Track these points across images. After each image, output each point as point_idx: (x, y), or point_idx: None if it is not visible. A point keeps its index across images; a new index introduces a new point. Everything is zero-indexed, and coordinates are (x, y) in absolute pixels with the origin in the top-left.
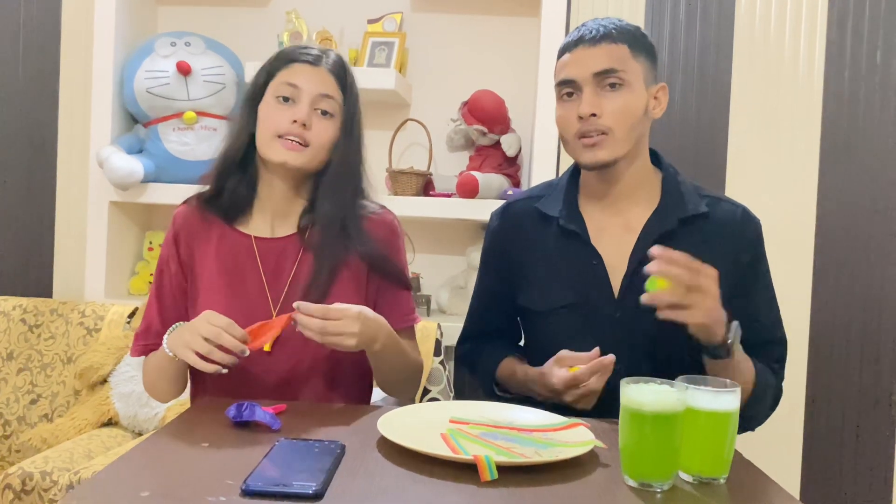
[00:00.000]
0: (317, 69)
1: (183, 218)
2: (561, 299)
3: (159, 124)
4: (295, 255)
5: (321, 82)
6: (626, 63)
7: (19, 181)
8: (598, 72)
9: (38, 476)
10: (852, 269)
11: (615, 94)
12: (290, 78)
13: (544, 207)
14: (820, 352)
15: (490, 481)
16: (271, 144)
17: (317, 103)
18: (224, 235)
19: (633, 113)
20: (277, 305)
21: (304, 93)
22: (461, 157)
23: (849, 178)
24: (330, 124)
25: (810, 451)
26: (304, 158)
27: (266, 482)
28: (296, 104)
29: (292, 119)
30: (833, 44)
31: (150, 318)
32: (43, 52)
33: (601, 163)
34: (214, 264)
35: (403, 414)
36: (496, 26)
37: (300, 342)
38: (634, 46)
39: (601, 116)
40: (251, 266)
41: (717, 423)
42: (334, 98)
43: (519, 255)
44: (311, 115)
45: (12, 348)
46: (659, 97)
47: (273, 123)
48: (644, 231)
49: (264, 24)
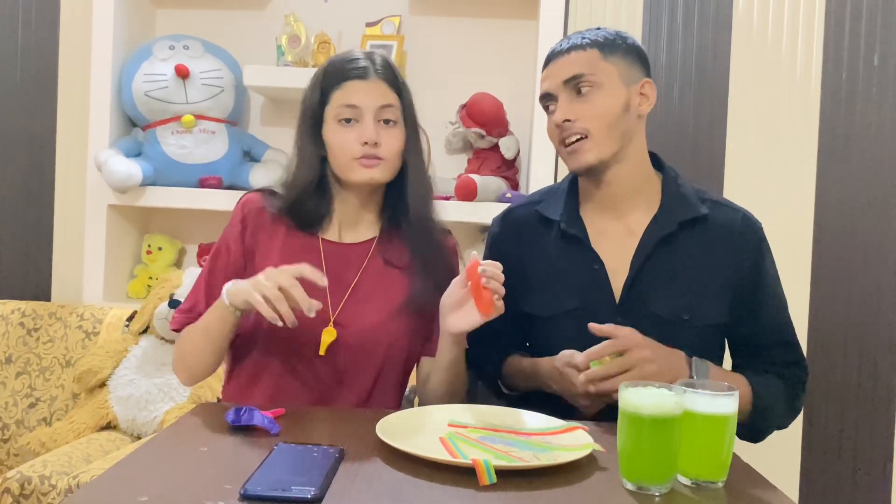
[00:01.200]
0: (369, 83)
1: (254, 207)
2: (563, 304)
3: (158, 127)
4: (361, 261)
5: (377, 95)
6: (595, 66)
7: (18, 184)
8: (566, 79)
9: (36, 480)
10: (850, 269)
11: (586, 97)
12: (346, 99)
13: (545, 211)
14: (818, 352)
15: (489, 485)
16: (350, 167)
17: (379, 116)
18: (291, 233)
19: (608, 112)
20: (336, 310)
21: (364, 111)
22: (459, 160)
23: (847, 178)
24: (396, 131)
25: (809, 452)
26: (385, 172)
27: (265, 486)
28: (359, 123)
29: (362, 141)
30: (830, 45)
31: (197, 298)
32: (41, 56)
33: (586, 165)
34: (278, 259)
35: (402, 418)
36: (494, 29)
37: (354, 349)
38: (606, 49)
39: (576, 120)
40: (316, 263)
41: (715, 427)
42: (393, 105)
43: (520, 260)
44: (378, 130)
45: (11, 352)
46: (646, 93)
47: (346, 149)
48: (645, 235)
49: (262, 27)
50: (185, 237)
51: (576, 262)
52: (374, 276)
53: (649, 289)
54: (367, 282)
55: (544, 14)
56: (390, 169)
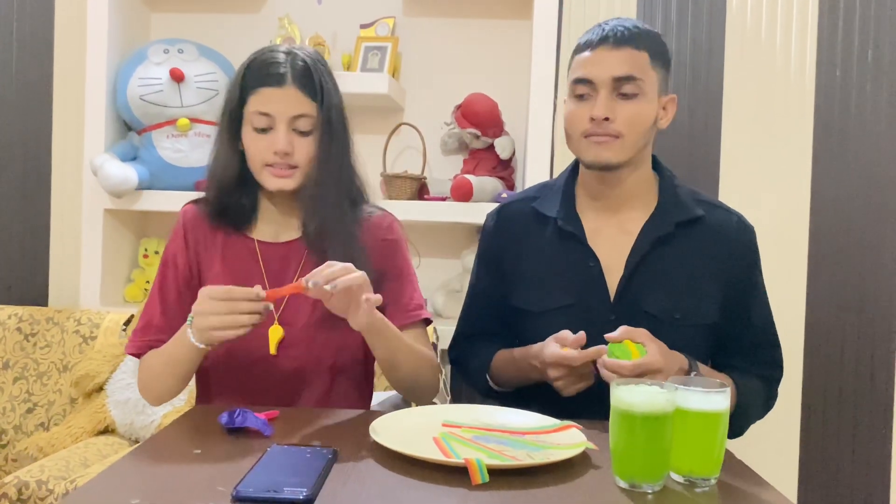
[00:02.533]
0: (284, 91)
1: (192, 216)
2: (557, 300)
3: (153, 131)
4: (298, 260)
5: (291, 104)
6: (645, 72)
7: (14, 190)
8: (618, 76)
9: (34, 485)
10: (847, 268)
11: (630, 102)
12: (260, 107)
13: (541, 207)
14: (815, 352)
15: (481, 484)
16: (262, 174)
17: (292, 125)
18: (229, 240)
19: (644, 121)
20: (279, 310)
21: (277, 120)
22: (455, 161)
23: (842, 174)
24: (310, 141)
25: (807, 451)
26: (296, 181)
27: (257, 488)
28: (273, 131)
29: (273, 150)
30: (824, 41)
31: (152, 314)
32: (36, 61)
33: (605, 163)
34: (220, 267)
35: (395, 418)
36: (488, 30)
37: (304, 345)
38: (655, 55)
39: (614, 121)
40: (255, 269)
41: (708, 424)
42: (307, 114)
43: (514, 256)
44: (290, 139)
45: (8, 357)
46: (667, 108)
47: (258, 155)
48: (641, 234)
49: (257, 30)
50: None
51: (571, 258)
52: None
53: (643, 287)
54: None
55: (538, 14)
56: (302, 177)
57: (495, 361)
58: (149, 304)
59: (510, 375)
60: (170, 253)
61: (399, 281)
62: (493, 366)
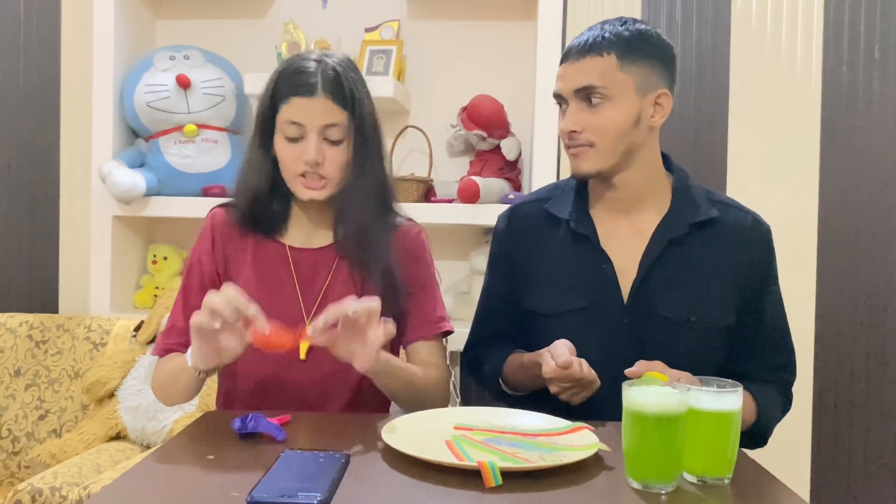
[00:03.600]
0: (315, 100)
1: (221, 221)
2: (569, 303)
3: (160, 138)
4: (329, 265)
5: (321, 113)
6: (610, 77)
7: (23, 198)
8: (577, 88)
9: (47, 492)
10: (856, 265)
11: (596, 110)
12: (291, 116)
13: (554, 209)
14: (826, 349)
15: (495, 487)
16: (294, 183)
17: (323, 134)
18: (259, 244)
19: (616, 126)
20: (311, 313)
21: (308, 129)
22: (461, 163)
23: (850, 172)
24: (341, 150)
25: (819, 449)
26: (327, 191)
27: (271, 493)
28: (304, 140)
29: (303, 160)
30: (830, 39)
31: (175, 317)
32: (43, 69)
33: (584, 173)
34: (250, 271)
35: (407, 422)
36: (493, 31)
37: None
38: (627, 54)
39: (582, 132)
40: (286, 274)
41: (720, 424)
42: (338, 123)
43: (526, 257)
44: (321, 148)
45: (20, 364)
46: (661, 102)
47: (290, 164)
48: (654, 236)
49: (262, 35)
50: (190, 246)
51: (584, 261)
52: (345, 279)
53: (657, 290)
54: (338, 284)
55: (542, 15)
56: (333, 187)
57: (507, 366)
58: (174, 307)
59: (520, 379)
60: (195, 255)
61: (423, 292)
62: (506, 370)
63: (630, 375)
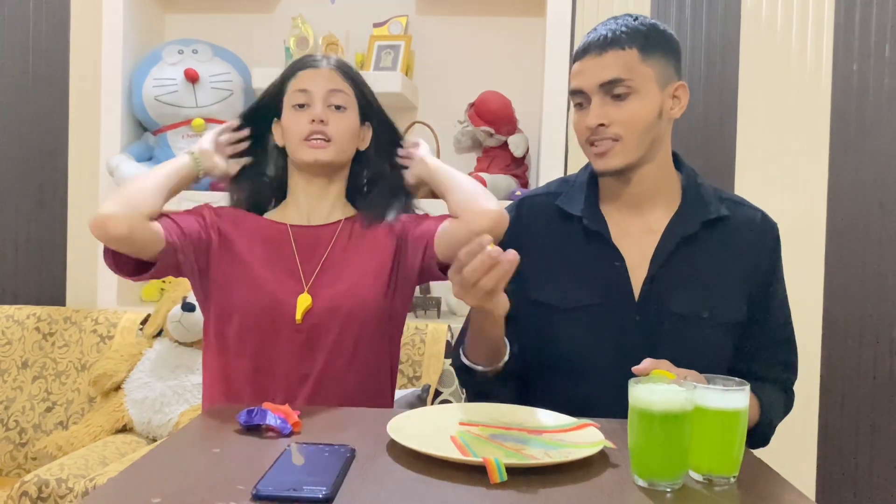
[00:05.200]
0: (321, 70)
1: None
2: (582, 298)
3: (168, 132)
4: (329, 239)
5: (327, 80)
6: (634, 69)
7: (32, 191)
8: (603, 82)
9: (53, 483)
10: (864, 261)
11: (623, 103)
12: (299, 85)
13: (565, 205)
14: (833, 346)
15: (500, 483)
16: (300, 148)
17: (328, 99)
18: (259, 224)
19: (642, 119)
20: (309, 281)
21: (314, 94)
22: (469, 159)
23: (859, 170)
24: (345, 116)
25: (825, 447)
26: (332, 153)
27: (277, 487)
28: (310, 107)
29: (310, 119)
30: (840, 36)
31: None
32: (52, 63)
33: (612, 169)
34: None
35: (413, 417)
36: (501, 27)
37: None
38: (646, 48)
39: (609, 125)
40: (286, 246)
41: (727, 422)
42: (343, 91)
43: (536, 250)
44: (327, 112)
45: (27, 357)
46: (679, 95)
47: (296, 129)
48: (666, 233)
49: (271, 30)
50: None
51: (596, 257)
52: (345, 249)
53: (669, 287)
54: (337, 254)
55: (551, 11)
56: (337, 151)
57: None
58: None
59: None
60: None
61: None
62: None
63: (637, 373)
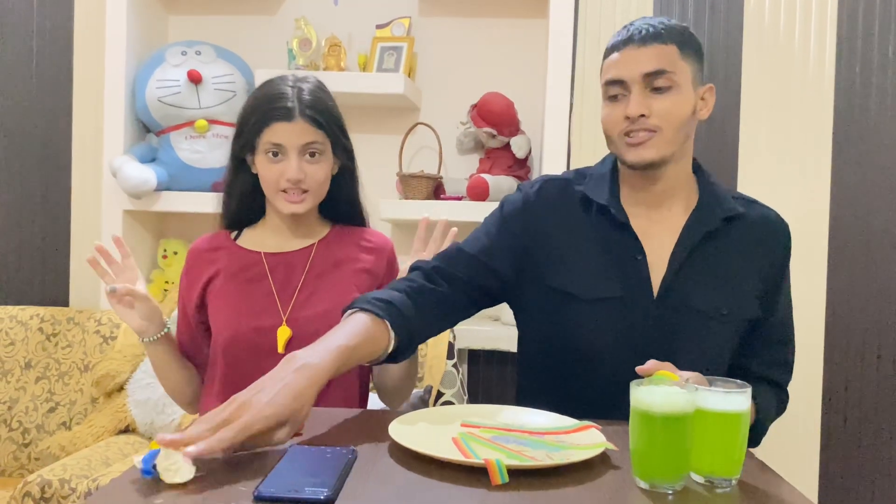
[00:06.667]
0: (293, 125)
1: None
2: (602, 290)
3: (171, 133)
4: (304, 265)
5: (300, 134)
6: (676, 64)
7: (35, 192)
8: (647, 72)
9: (56, 484)
10: (867, 263)
11: (664, 96)
12: (272, 138)
13: (590, 192)
14: (836, 348)
15: (501, 485)
16: (276, 198)
17: (303, 152)
18: (233, 253)
19: (681, 114)
20: (287, 309)
21: (288, 149)
22: (471, 160)
23: (862, 169)
24: (321, 163)
25: (827, 450)
26: (309, 203)
27: (278, 488)
28: (285, 158)
29: (286, 177)
30: (843, 36)
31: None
32: (56, 64)
33: (647, 162)
34: (223, 276)
35: (415, 419)
36: (504, 29)
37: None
38: (683, 47)
39: (650, 117)
40: (261, 275)
41: (728, 424)
42: (317, 141)
43: (555, 234)
44: (301, 165)
45: (30, 357)
46: (706, 98)
47: (271, 181)
48: (686, 229)
49: (274, 31)
50: None
51: (617, 249)
52: (320, 275)
53: (688, 283)
54: (311, 281)
55: (554, 13)
56: (314, 200)
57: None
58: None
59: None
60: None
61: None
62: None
63: (641, 373)
